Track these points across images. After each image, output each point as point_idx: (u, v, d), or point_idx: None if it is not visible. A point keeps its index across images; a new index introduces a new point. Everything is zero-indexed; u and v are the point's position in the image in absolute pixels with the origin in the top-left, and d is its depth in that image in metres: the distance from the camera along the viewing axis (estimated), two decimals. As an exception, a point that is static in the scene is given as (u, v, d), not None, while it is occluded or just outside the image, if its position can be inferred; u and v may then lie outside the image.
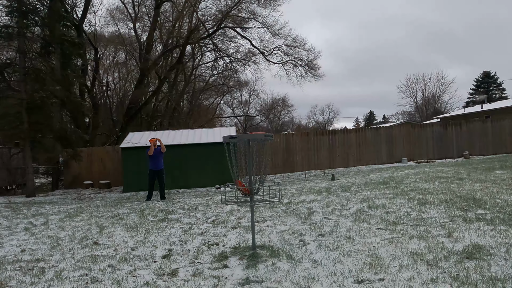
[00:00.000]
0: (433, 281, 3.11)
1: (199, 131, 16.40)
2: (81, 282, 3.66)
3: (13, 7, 13.34)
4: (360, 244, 4.22)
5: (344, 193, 7.58)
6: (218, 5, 23.29)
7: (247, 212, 6.32)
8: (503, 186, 6.90)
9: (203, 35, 23.74)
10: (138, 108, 23.06)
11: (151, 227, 5.89)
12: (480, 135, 18.45)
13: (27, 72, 13.55)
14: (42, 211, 8.59)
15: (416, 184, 7.96)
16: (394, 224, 4.90)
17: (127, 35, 27.58)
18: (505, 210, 5.03)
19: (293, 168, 17.16)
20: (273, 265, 3.76)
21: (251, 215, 4.41)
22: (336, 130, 24.27)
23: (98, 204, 9.85)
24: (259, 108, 47.67)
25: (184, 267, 3.94)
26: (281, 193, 6.65)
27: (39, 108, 13.20)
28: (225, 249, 4.45)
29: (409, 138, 18.04)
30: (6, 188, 16.83)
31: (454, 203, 5.67)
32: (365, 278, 3.30)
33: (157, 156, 10.28)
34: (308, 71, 24.92)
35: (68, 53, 14.90)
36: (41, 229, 6.34)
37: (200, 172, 13.86)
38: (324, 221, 5.38)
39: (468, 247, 3.77)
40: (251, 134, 4.26)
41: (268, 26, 23.34)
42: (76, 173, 16.20)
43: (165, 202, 9.28)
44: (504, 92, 47.72)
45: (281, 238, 4.71)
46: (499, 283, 2.96)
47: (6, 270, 4.16)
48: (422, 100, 53.03)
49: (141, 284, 3.53)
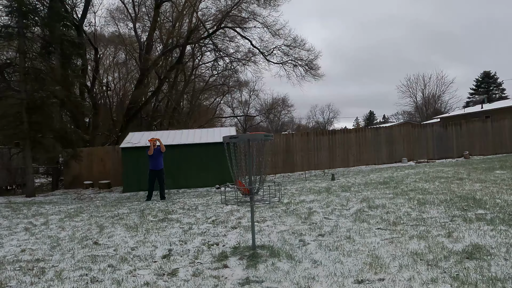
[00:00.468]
0: (433, 281, 3.11)
1: (199, 131, 16.41)
2: (81, 282, 3.66)
3: (13, 7, 13.34)
4: (360, 244, 4.22)
5: (344, 193, 7.58)
6: (218, 5, 23.33)
7: (247, 212, 6.32)
8: (503, 186, 6.90)
9: (203, 35, 23.75)
10: (138, 108, 23.06)
11: (151, 227, 5.89)
12: (480, 135, 18.45)
13: (27, 72, 13.55)
14: (42, 211, 8.59)
15: (416, 184, 7.96)
16: (394, 224, 4.90)
17: (127, 35, 27.62)
18: (505, 210, 5.02)
19: (293, 168, 17.16)
20: (273, 265, 3.76)
21: (251, 215, 4.41)
22: (336, 130, 24.26)
23: (98, 204, 9.85)
24: (259, 108, 47.74)
25: (184, 267, 3.94)
26: (281, 193, 6.65)
27: (39, 108, 13.20)
28: (225, 249, 4.45)
29: (409, 138, 18.04)
30: (6, 188, 16.82)
31: (454, 203, 5.67)
32: (365, 278, 3.30)
33: (157, 155, 10.28)
34: (308, 71, 24.96)
35: (68, 53, 14.91)
36: (41, 229, 6.34)
37: (200, 172, 13.86)
38: (324, 221, 5.38)
39: (468, 247, 3.77)
40: (251, 134, 4.26)
41: (268, 26, 23.36)
42: (76, 173, 16.21)
43: (165, 202, 9.28)
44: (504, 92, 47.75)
45: (281, 238, 4.71)
46: (499, 283, 2.96)
47: (6, 270, 4.16)
48: (422, 100, 53.04)
49: (141, 284, 3.53)
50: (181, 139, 14.65)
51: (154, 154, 10.22)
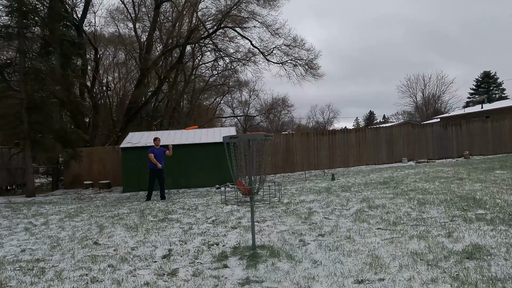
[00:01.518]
0: (433, 281, 3.11)
1: (199, 131, 16.40)
2: (81, 282, 3.66)
3: (13, 7, 13.34)
4: (360, 244, 4.22)
5: (344, 193, 7.58)
6: (218, 5, 23.32)
7: (247, 212, 6.32)
8: (503, 186, 6.90)
9: (203, 35, 23.75)
10: (138, 108, 23.06)
11: (151, 227, 5.89)
12: (480, 135, 18.45)
13: (27, 72, 13.55)
14: (42, 211, 8.59)
15: (416, 184, 7.96)
16: (394, 224, 4.90)
17: (127, 35, 27.61)
18: (505, 210, 5.02)
19: (293, 168, 17.16)
20: (273, 265, 3.76)
21: (251, 215, 4.41)
22: (336, 130, 24.26)
23: (98, 204, 9.85)
24: (259, 108, 47.72)
25: (184, 267, 3.94)
26: (281, 193, 6.65)
27: (39, 108, 13.21)
28: (225, 249, 4.45)
29: (409, 138, 18.04)
30: (6, 188, 16.83)
31: (454, 203, 5.67)
32: (365, 278, 3.30)
33: (160, 155, 10.33)
34: (308, 70, 24.93)
35: (68, 53, 14.90)
36: (41, 229, 6.34)
37: (200, 172, 13.86)
38: (324, 221, 5.38)
39: (468, 247, 3.77)
40: (251, 134, 4.26)
41: (268, 25, 23.35)
42: (76, 173, 16.20)
43: (165, 202, 9.28)
44: (504, 92, 47.75)
45: (281, 238, 4.71)
46: (499, 283, 2.96)
47: (6, 270, 4.16)
48: (422, 100, 53.06)
49: (141, 284, 3.53)
50: (181, 139, 14.65)
51: (157, 153, 10.25)
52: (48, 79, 13.74)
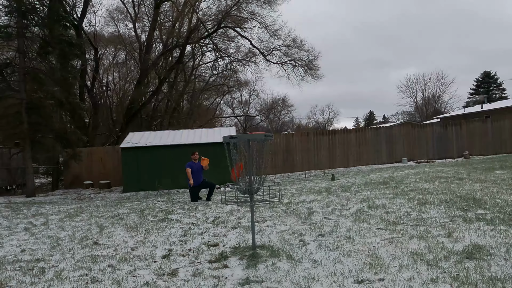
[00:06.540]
0: (433, 281, 3.11)
1: (199, 131, 16.41)
2: (81, 282, 3.66)
3: (13, 7, 13.34)
4: (360, 244, 4.22)
5: (344, 193, 7.58)
6: (218, 5, 23.31)
7: (247, 212, 6.32)
8: (503, 186, 6.90)
9: (203, 35, 23.73)
10: (138, 108, 23.04)
11: (151, 227, 5.89)
12: (480, 135, 18.45)
13: (27, 72, 13.54)
14: (42, 211, 8.59)
15: (416, 184, 7.96)
16: (394, 224, 4.90)
17: (127, 35, 27.61)
18: (505, 210, 5.02)
19: (293, 168, 17.16)
20: (273, 265, 3.76)
21: (251, 215, 4.41)
22: (336, 130, 24.26)
23: (98, 204, 9.85)
24: (259, 108, 47.70)
25: (184, 267, 3.94)
26: (281, 193, 6.65)
27: (38, 108, 13.21)
28: (225, 249, 4.45)
29: (409, 138, 18.04)
30: (6, 188, 16.83)
31: (454, 203, 5.67)
32: (365, 278, 3.30)
33: (198, 171, 9.76)
34: (308, 71, 24.93)
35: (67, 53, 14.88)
36: (41, 229, 6.34)
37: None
38: (324, 221, 5.38)
39: (468, 247, 3.77)
40: (251, 134, 4.26)
41: (267, 26, 23.33)
42: (76, 173, 16.20)
43: (207, 202, 8.85)
44: (504, 92, 47.73)
45: (281, 238, 4.70)
46: (499, 283, 2.96)
47: (6, 270, 4.16)
48: (422, 100, 53.11)
49: (141, 284, 3.53)
50: (181, 139, 14.65)
51: (195, 169, 9.67)
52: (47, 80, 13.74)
